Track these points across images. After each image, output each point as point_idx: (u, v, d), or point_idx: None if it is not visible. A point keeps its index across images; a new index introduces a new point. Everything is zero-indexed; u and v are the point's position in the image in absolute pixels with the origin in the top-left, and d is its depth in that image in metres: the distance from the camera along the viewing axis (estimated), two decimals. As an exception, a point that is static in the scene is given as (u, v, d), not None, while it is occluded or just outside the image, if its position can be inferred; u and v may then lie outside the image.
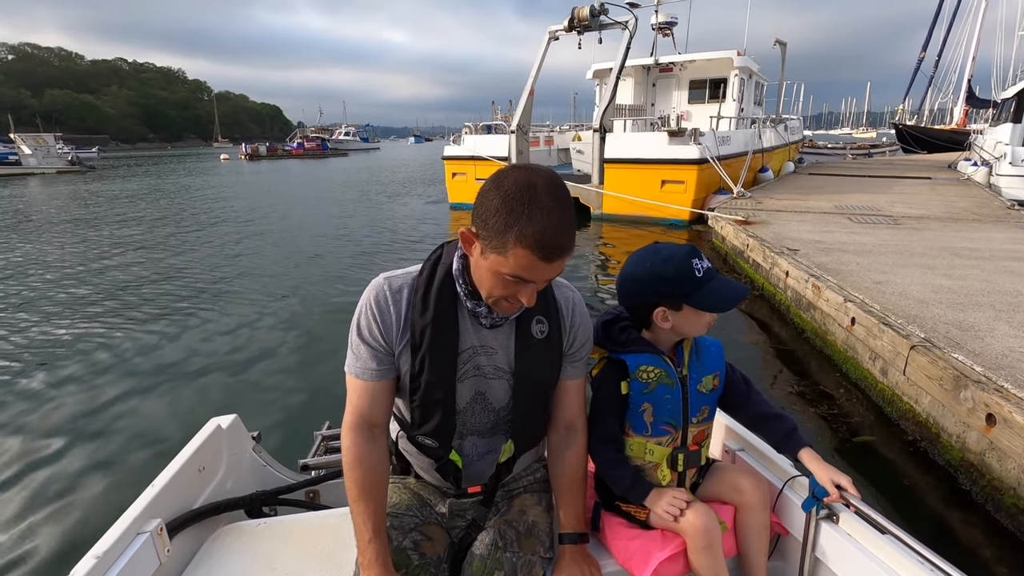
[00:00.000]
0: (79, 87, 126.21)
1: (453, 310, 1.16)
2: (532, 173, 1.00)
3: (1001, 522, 2.56)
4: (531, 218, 0.96)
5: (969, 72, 28.63)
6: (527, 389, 1.23)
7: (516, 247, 0.97)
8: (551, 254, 0.98)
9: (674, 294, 1.25)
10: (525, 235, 0.96)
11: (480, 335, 1.19)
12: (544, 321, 1.22)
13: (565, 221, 0.98)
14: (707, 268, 1.26)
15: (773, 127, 16.64)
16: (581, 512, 1.30)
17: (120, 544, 1.17)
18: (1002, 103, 15.34)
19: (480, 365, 1.20)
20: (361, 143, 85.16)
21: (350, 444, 1.16)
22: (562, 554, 1.26)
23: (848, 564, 1.18)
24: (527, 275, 1.01)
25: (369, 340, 1.15)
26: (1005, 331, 3.46)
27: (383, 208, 15.23)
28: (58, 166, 34.08)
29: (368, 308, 1.15)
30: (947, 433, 2.96)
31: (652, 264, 1.27)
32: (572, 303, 1.28)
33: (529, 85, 13.10)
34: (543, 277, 1.03)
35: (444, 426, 1.20)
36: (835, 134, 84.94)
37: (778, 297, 5.60)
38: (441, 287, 1.15)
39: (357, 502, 1.13)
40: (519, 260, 0.98)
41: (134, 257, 9.04)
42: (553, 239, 0.97)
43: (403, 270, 1.21)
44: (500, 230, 0.98)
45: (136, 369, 4.60)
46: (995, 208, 8.94)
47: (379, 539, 1.11)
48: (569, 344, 1.27)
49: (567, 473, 1.29)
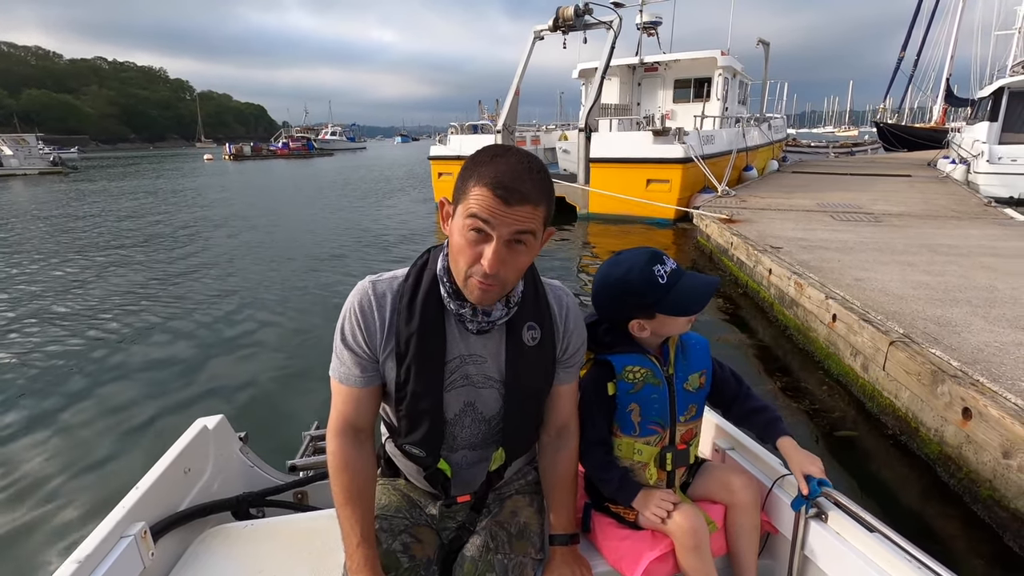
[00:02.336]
0: (57, 87, 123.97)
1: (440, 318, 1.13)
2: (509, 146, 1.05)
3: (978, 514, 2.62)
4: (494, 164, 0.98)
5: (948, 71, 29.10)
6: (519, 398, 1.20)
7: (475, 187, 0.98)
8: (508, 195, 0.96)
9: (643, 305, 1.25)
10: (483, 176, 0.98)
11: (468, 343, 1.15)
12: (536, 327, 1.18)
13: (531, 175, 0.99)
14: (671, 271, 1.25)
15: (757, 126, 16.82)
16: (572, 513, 1.29)
17: (103, 548, 1.15)
18: (979, 101, 15.64)
19: (469, 374, 1.17)
20: (348, 143, 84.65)
21: (336, 449, 1.15)
22: (553, 555, 1.25)
23: (837, 562, 1.19)
24: (485, 215, 0.97)
25: (353, 346, 1.13)
26: (981, 326, 3.54)
27: (372, 208, 15.17)
28: (40, 167, 33.37)
29: (352, 313, 1.12)
30: (925, 427, 3.02)
31: (616, 279, 1.27)
32: (566, 308, 1.24)
33: (515, 84, 13.12)
34: (503, 225, 0.98)
35: (432, 436, 1.17)
36: (818, 132, 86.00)
37: (762, 294, 5.66)
38: (428, 294, 1.12)
39: (344, 507, 1.12)
40: (477, 199, 0.98)
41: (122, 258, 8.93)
42: (511, 181, 0.96)
43: (389, 274, 1.18)
44: (465, 179, 1.01)
45: (119, 369, 4.54)
46: (972, 205, 9.12)
47: (367, 543, 1.10)
48: (563, 351, 1.23)
49: (558, 474, 1.28)
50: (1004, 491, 2.47)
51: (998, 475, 2.50)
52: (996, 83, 13.38)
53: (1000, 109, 12.67)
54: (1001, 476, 2.48)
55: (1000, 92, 12.79)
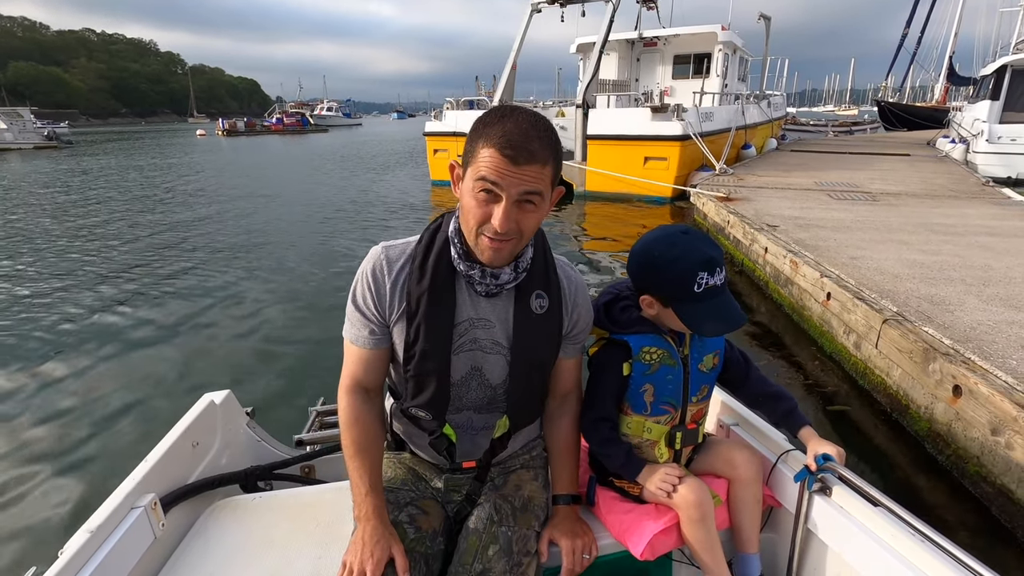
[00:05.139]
0: (45, 59, 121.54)
1: (451, 279, 1.16)
2: (516, 106, 1.06)
3: (966, 487, 2.67)
4: (502, 124, 1.00)
5: (951, 48, 28.70)
6: (525, 367, 1.22)
7: (483, 148, 1.01)
8: (517, 154, 0.98)
9: (665, 295, 1.23)
10: (492, 135, 1.00)
11: (478, 307, 1.18)
12: (544, 296, 1.20)
13: (538, 133, 1.01)
14: (713, 286, 1.17)
15: (756, 103, 16.64)
16: (575, 475, 1.33)
17: (114, 518, 1.17)
18: (981, 80, 15.47)
19: (477, 338, 1.19)
20: (344, 119, 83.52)
21: (346, 404, 1.20)
22: (556, 513, 1.29)
23: (839, 535, 1.19)
24: (494, 177, 1.00)
25: (364, 309, 1.17)
26: (974, 304, 3.56)
27: (374, 184, 15.08)
28: (35, 141, 33.00)
29: (364, 277, 1.17)
30: (916, 404, 3.06)
31: (659, 255, 1.21)
32: (575, 284, 1.27)
33: (512, 59, 12.92)
34: (512, 185, 1.01)
35: (438, 398, 1.20)
36: (818, 111, 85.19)
37: (757, 273, 5.67)
38: (439, 256, 1.15)
39: (353, 459, 1.16)
40: (486, 161, 1.00)
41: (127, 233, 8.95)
42: (520, 140, 0.98)
43: (403, 240, 1.22)
44: (473, 140, 1.03)
45: (126, 345, 4.56)
46: (971, 185, 9.10)
47: (375, 492, 1.14)
48: (570, 327, 1.26)
49: (562, 437, 1.33)
50: (991, 467, 2.52)
51: (986, 451, 2.55)
52: (999, 61, 13.21)
53: (1002, 87, 12.53)
54: (989, 452, 2.53)
55: (1003, 70, 12.64)
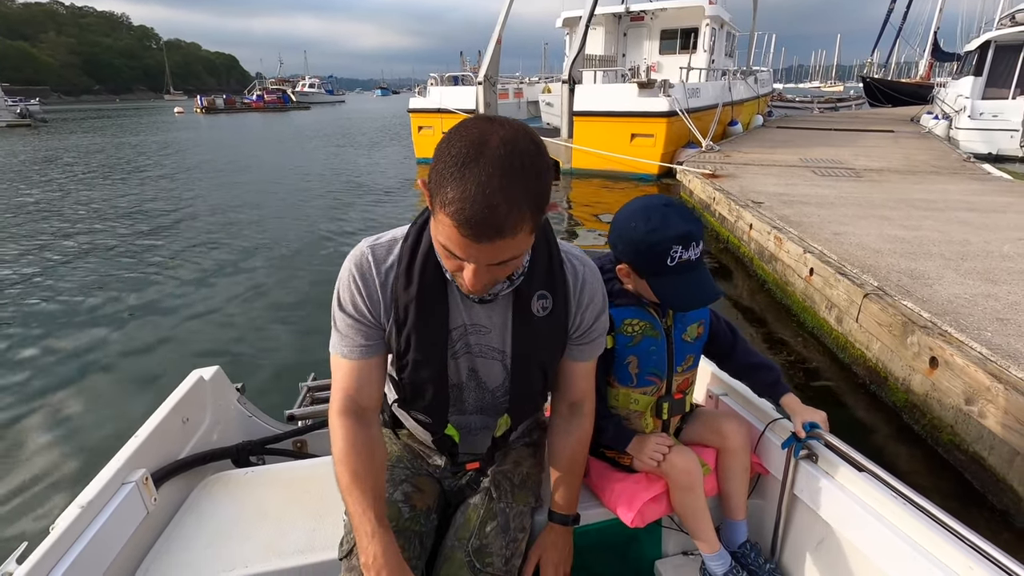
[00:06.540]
0: (11, 34, 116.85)
1: (441, 283, 1.03)
2: (492, 128, 0.81)
3: (941, 454, 2.76)
4: (462, 181, 0.77)
5: (936, 24, 28.69)
6: (525, 371, 1.12)
7: (440, 212, 0.81)
8: (476, 232, 0.79)
9: (639, 267, 1.21)
10: (447, 202, 0.79)
11: (471, 312, 1.07)
12: (548, 296, 1.06)
13: (505, 194, 0.78)
14: (688, 260, 1.15)
15: (743, 79, 16.58)
16: (575, 495, 1.25)
17: (105, 493, 1.17)
18: (965, 56, 15.53)
19: (471, 344, 1.09)
20: (326, 95, 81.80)
21: (340, 430, 1.03)
22: (549, 530, 1.23)
23: (825, 500, 1.21)
24: (455, 250, 0.83)
25: (353, 314, 1.03)
26: (952, 278, 3.63)
27: (359, 161, 14.92)
28: (7, 119, 31.98)
29: (350, 279, 1.03)
30: (894, 376, 3.13)
31: (635, 226, 1.18)
32: (582, 279, 1.11)
33: (496, 33, 12.67)
34: (476, 258, 0.83)
35: (437, 405, 1.13)
36: (804, 87, 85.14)
37: (742, 250, 5.72)
38: (426, 257, 1.01)
39: (352, 492, 0.99)
40: (444, 230, 0.82)
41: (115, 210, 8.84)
42: (478, 214, 0.77)
43: (388, 235, 1.07)
44: (432, 190, 0.82)
45: (111, 321, 4.53)
46: (952, 161, 9.20)
47: (383, 529, 0.97)
48: (575, 327, 1.12)
49: (567, 455, 1.22)
50: (964, 435, 2.60)
51: (959, 421, 2.62)
52: (983, 36, 13.26)
53: (985, 63, 12.61)
54: (962, 422, 2.60)
55: (986, 46, 12.70)
